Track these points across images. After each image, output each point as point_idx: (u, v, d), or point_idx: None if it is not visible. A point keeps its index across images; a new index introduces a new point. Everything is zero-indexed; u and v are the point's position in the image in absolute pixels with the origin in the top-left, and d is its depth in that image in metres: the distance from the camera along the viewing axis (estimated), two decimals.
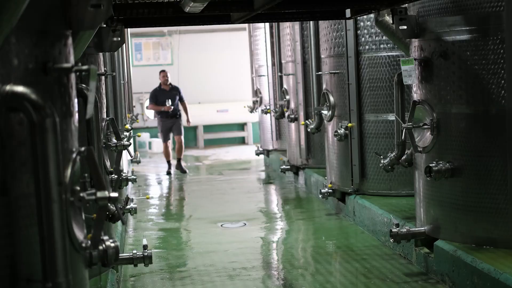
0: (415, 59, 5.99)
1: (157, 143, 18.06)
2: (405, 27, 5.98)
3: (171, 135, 13.82)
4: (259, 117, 14.31)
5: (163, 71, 14.00)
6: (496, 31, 5.39)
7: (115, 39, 5.66)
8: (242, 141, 19.01)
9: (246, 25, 14.86)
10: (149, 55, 19.27)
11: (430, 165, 5.75)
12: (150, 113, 18.87)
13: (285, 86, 11.78)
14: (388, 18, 6.54)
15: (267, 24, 12.77)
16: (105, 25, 5.58)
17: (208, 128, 18.84)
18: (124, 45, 10.15)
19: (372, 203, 7.73)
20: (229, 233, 8.33)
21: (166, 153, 13.81)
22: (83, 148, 2.66)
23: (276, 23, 12.03)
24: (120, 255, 5.17)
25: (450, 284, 5.58)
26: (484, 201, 5.53)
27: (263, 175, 13.38)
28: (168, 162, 13.85)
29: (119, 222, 6.74)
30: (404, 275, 6.08)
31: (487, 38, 5.45)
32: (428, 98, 5.93)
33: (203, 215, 9.43)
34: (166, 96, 13.58)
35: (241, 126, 18.97)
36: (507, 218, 5.40)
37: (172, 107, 13.51)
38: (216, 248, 7.48)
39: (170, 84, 13.90)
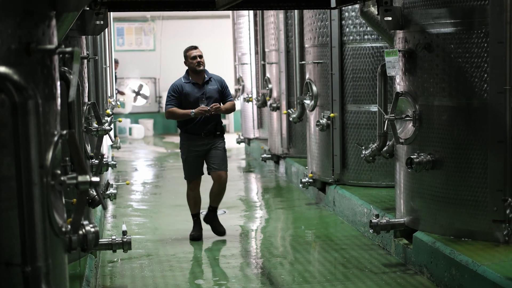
0: (399, 51, 5.99)
1: (138, 129, 17.99)
2: (390, 18, 5.98)
3: (203, 167, 7.37)
4: (241, 106, 14.26)
5: (193, 48, 7.24)
6: (481, 24, 5.40)
7: (98, 22, 5.60)
8: None
9: (230, 12, 14.81)
10: (131, 40, 19.14)
11: (411, 156, 5.77)
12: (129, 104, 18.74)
13: (268, 75, 11.76)
14: (373, 9, 6.55)
15: (251, 12, 12.71)
16: (88, 8, 5.52)
17: None
18: (106, 29, 10.06)
19: (352, 194, 7.75)
20: None
21: (193, 201, 7.36)
22: (64, 132, 2.62)
23: (260, 11, 11.98)
24: (99, 240, 5.14)
25: (428, 275, 5.61)
26: (464, 193, 5.56)
27: (243, 163, 13.36)
28: (195, 216, 7.37)
29: (98, 208, 6.69)
30: (382, 265, 6.10)
31: (471, 31, 5.46)
32: (411, 90, 5.94)
33: (183, 202, 9.30)
34: (198, 93, 7.16)
35: (223, 114, 18.89)
36: (486, 211, 5.44)
37: (208, 108, 7.00)
38: None
39: (206, 72, 7.27)
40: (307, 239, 7.28)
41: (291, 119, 10.06)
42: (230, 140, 16.08)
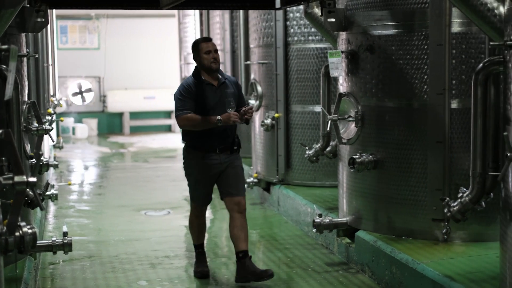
0: (342, 52, 6.06)
1: (81, 129, 17.72)
2: (333, 19, 6.05)
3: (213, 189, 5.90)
4: None
5: (207, 40, 5.71)
6: (421, 27, 5.51)
7: (38, 19, 5.49)
8: (168, 128, 18.85)
9: (175, 12, 14.73)
10: (75, 39, 18.83)
11: (354, 156, 5.84)
12: (76, 101, 18.45)
13: None
14: (317, 10, 6.61)
15: (197, 12, 12.67)
16: (28, 5, 5.40)
17: (134, 115, 18.59)
18: (48, 27, 9.89)
19: (296, 193, 7.80)
20: (152, 221, 8.25)
21: (198, 228, 6.05)
22: (1, 131, 2.56)
23: (206, 11, 11.95)
24: (38, 242, 5.03)
25: (370, 274, 5.69)
26: (405, 193, 5.66)
27: None
28: (199, 248, 6.05)
29: (39, 209, 6.56)
30: (325, 264, 6.16)
31: (412, 33, 5.56)
32: (354, 91, 6.01)
33: (127, 203, 9.30)
34: (215, 97, 5.62)
35: (168, 114, 18.80)
36: (426, 210, 5.55)
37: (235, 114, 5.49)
38: (139, 236, 7.39)
39: (220, 71, 5.75)
40: (251, 239, 7.29)
41: None
42: (176, 139, 16.07)
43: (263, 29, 8.59)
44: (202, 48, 5.57)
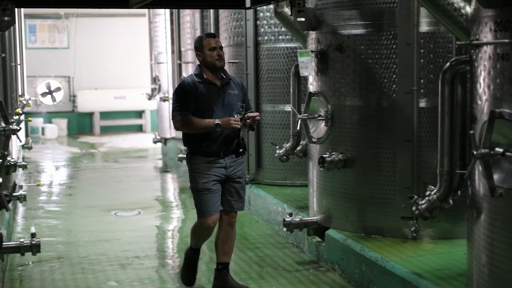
0: (311, 51, 6.07)
1: (51, 129, 17.53)
2: (303, 19, 6.06)
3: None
4: (157, 105, 14.13)
5: (211, 35, 5.29)
6: (390, 26, 5.55)
7: (5, 18, 5.42)
8: (139, 128, 18.74)
9: (146, 11, 14.64)
10: (44, 38, 18.62)
11: (324, 155, 5.86)
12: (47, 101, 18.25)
13: (184, 74, 11.68)
14: (287, 10, 6.62)
15: (167, 11, 12.60)
16: None
17: (104, 115, 18.45)
18: (16, 25, 9.76)
19: (267, 193, 7.80)
20: (123, 222, 8.19)
21: (208, 233, 5.43)
22: None
23: (176, 10, 11.90)
24: (6, 243, 4.97)
25: (340, 272, 5.71)
26: (374, 191, 5.70)
27: (160, 163, 13.24)
28: (197, 252, 5.65)
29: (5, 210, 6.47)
30: (296, 263, 6.17)
31: (380, 33, 5.60)
32: (324, 90, 6.03)
33: (97, 203, 9.22)
34: (217, 98, 5.23)
35: (139, 114, 18.70)
36: (395, 208, 5.59)
37: (239, 118, 5.15)
38: (109, 237, 7.34)
39: (224, 71, 5.33)
40: None
41: None
42: (146, 139, 15.98)
43: (233, 29, 8.58)
44: (206, 45, 5.15)
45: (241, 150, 5.28)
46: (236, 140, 5.25)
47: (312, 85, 6.20)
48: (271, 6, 7.51)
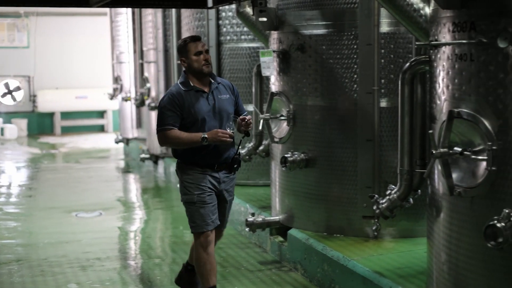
0: (273, 51, 6.08)
1: (10, 129, 17.24)
2: (264, 19, 6.06)
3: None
4: (119, 105, 14.01)
5: (196, 39, 4.86)
6: (351, 27, 5.58)
7: None
8: (101, 129, 18.55)
9: (107, 10, 14.49)
10: (3, 37, 18.30)
11: (286, 155, 5.87)
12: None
13: (146, 74, 11.61)
14: (249, 10, 6.61)
15: (129, 10, 12.50)
16: None
17: (66, 115, 18.21)
18: None
19: None
20: (84, 223, 8.09)
21: (210, 266, 4.87)
22: None
23: (138, 9, 11.80)
24: None
25: (302, 272, 5.73)
26: (336, 190, 5.72)
27: (122, 163, 13.12)
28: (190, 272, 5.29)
29: None
30: (258, 263, 6.17)
31: (342, 33, 5.62)
32: (286, 90, 6.04)
33: (57, 205, 9.09)
34: (207, 106, 4.83)
35: (101, 114, 18.50)
36: (356, 208, 5.63)
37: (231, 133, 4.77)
38: (70, 238, 7.24)
39: (212, 75, 4.94)
40: (185, 239, 7.23)
41: None
42: (108, 140, 15.82)
43: (196, 28, 8.54)
44: (191, 49, 4.76)
45: (235, 166, 4.88)
46: (232, 153, 4.84)
47: (274, 85, 6.20)
48: (233, 6, 7.49)
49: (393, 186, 4.80)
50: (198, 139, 4.65)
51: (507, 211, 3.32)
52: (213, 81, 4.85)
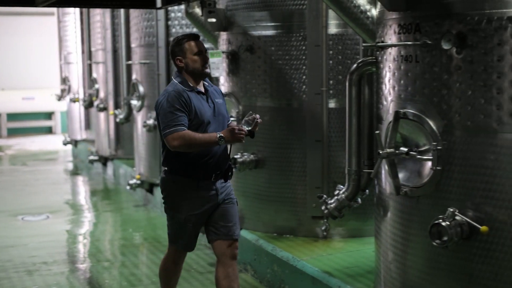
0: (223, 52, 6.06)
1: None
2: (214, 20, 6.05)
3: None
4: (68, 106, 13.82)
5: (194, 37, 4.41)
6: (299, 28, 5.60)
7: None
8: (49, 130, 18.23)
9: (54, 9, 14.28)
10: None
11: (235, 156, 5.86)
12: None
13: (94, 74, 11.46)
14: (198, 10, 6.58)
15: (77, 10, 12.33)
16: None
17: (12, 117, 17.84)
18: None
19: None
20: (30, 227, 7.93)
21: (174, 276, 4.78)
22: None
23: (86, 9, 11.64)
24: None
25: (252, 273, 5.72)
26: (285, 191, 5.74)
27: (70, 166, 12.93)
28: None
29: None
30: (208, 265, 6.14)
31: (290, 34, 5.65)
32: (235, 91, 6.03)
33: (3, 208, 8.90)
34: (209, 109, 4.36)
35: (48, 115, 18.18)
36: (306, 208, 5.66)
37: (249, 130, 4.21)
38: (15, 242, 7.09)
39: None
40: (134, 242, 7.17)
41: (118, 120, 9.89)
42: (56, 141, 15.56)
43: (145, 29, 8.46)
44: (190, 48, 4.31)
45: (230, 173, 4.42)
46: (227, 161, 4.39)
47: (224, 86, 6.19)
48: (182, 7, 7.45)
49: (341, 186, 4.84)
50: (214, 139, 4.13)
51: (451, 210, 3.38)
52: (206, 83, 4.43)
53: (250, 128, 4.15)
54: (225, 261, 4.32)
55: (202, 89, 4.36)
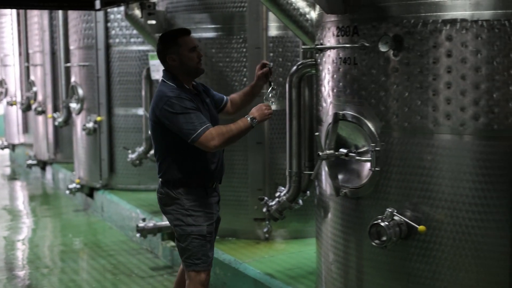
0: None
1: None
2: (153, 22, 5.99)
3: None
4: (4, 109, 13.50)
5: (188, 32, 4.01)
6: (240, 30, 5.60)
7: None
8: None
9: None
10: None
11: None
12: None
13: (32, 77, 11.23)
14: (138, 12, 6.51)
15: (14, 11, 12.06)
16: None
17: None
18: None
19: (120, 198, 7.64)
20: None
21: None
22: None
23: (23, 10, 11.40)
24: None
25: None
26: (227, 193, 5.71)
27: (8, 170, 12.63)
28: None
29: None
30: (150, 269, 6.08)
31: (231, 36, 5.64)
32: None
33: None
34: (204, 109, 4.02)
35: None
36: (248, 210, 5.66)
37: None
38: None
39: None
40: (74, 248, 7.04)
41: (56, 123, 9.72)
42: None
43: (84, 30, 8.33)
44: (184, 44, 3.92)
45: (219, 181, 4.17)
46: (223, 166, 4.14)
47: None
48: (122, 8, 7.36)
49: (282, 188, 4.84)
50: (248, 124, 3.86)
51: (390, 210, 3.42)
52: (195, 83, 4.08)
53: (274, 103, 4.04)
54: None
55: (195, 90, 4.02)
